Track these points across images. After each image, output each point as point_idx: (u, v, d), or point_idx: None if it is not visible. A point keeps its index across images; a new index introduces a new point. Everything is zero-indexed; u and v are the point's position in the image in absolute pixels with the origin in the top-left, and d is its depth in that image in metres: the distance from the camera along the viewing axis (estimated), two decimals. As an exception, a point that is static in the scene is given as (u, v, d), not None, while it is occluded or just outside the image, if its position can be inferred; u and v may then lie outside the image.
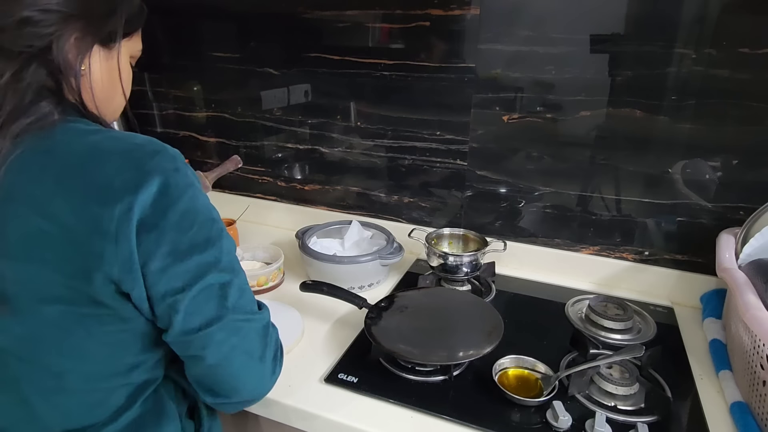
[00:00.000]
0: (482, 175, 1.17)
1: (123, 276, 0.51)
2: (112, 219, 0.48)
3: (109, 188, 0.49)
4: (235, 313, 0.57)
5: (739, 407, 0.75)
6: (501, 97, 1.08)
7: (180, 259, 0.52)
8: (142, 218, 0.50)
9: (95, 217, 0.48)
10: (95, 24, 0.56)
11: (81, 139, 0.53)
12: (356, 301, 0.94)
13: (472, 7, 1.04)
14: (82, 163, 0.50)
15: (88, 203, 0.49)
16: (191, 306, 0.54)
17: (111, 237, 0.49)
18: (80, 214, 0.49)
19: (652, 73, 0.96)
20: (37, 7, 0.51)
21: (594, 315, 0.96)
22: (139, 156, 0.51)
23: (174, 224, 0.51)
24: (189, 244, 0.53)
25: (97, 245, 0.49)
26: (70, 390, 0.56)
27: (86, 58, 0.56)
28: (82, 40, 0.55)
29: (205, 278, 0.54)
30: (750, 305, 0.72)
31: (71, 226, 0.49)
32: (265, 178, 1.43)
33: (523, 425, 0.73)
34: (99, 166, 0.50)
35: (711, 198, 1.00)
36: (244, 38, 1.28)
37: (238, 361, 0.58)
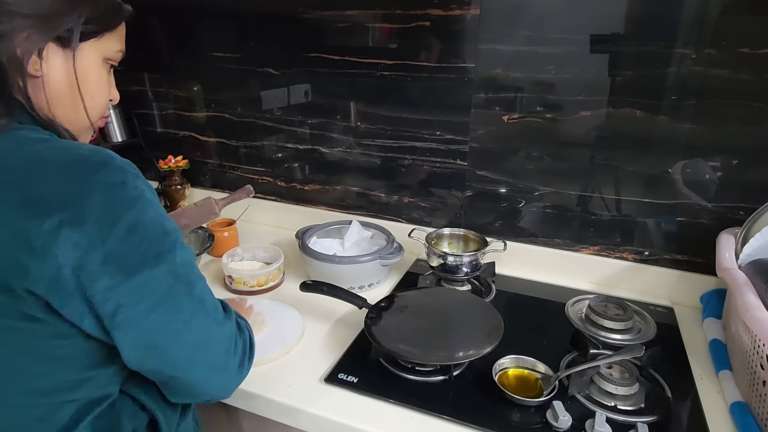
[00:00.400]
0: (482, 175, 1.17)
1: (50, 294, 0.48)
2: (40, 234, 0.46)
3: (42, 202, 0.47)
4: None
5: (739, 407, 0.75)
6: (501, 97, 1.08)
7: (129, 275, 0.50)
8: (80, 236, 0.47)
9: (23, 231, 0.46)
10: (47, 22, 0.53)
11: (23, 148, 0.50)
12: (356, 301, 0.94)
13: (472, 7, 1.04)
14: (21, 173, 0.48)
15: (18, 216, 0.46)
16: (145, 323, 0.52)
17: (37, 253, 0.46)
18: (9, 226, 0.46)
19: (652, 73, 0.96)
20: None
21: (594, 315, 0.96)
22: (82, 168, 0.49)
23: (120, 240, 0.49)
24: (138, 260, 0.50)
25: (22, 260, 0.46)
26: (8, 405, 0.53)
27: (38, 59, 0.53)
28: (30, 38, 0.52)
29: (158, 293, 0.52)
30: (750, 305, 0.72)
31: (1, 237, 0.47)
32: (265, 178, 1.43)
33: (523, 425, 0.73)
34: (36, 178, 0.48)
35: (711, 198, 1.00)
36: (244, 38, 1.28)
37: (200, 374, 0.58)
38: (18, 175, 0.48)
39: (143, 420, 0.63)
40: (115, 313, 0.50)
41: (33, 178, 0.48)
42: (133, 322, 0.52)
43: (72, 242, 0.47)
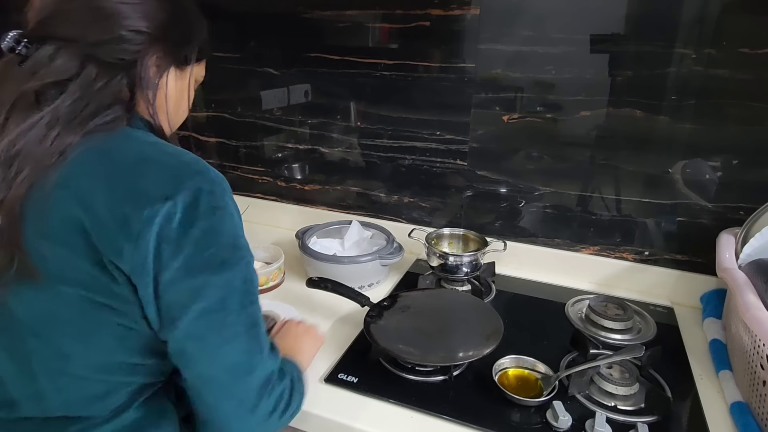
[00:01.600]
0: (482, 175, 1.17)
1: (135, 276, 0.54)
2: (138, 221, 0.52)
3: (144, 194, 0.53)
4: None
5: (739, 407, 0.75)
6: (501, 97, 1.08)
7: (190, 274, 0.54)
8: (165, 229, 0.53)
9: (125, 217, 0.52)
10: (175, 48, 0.65)
11: (137, 146, 0.58)
12: (359, 299, 0.94)
13: (472, 7, 1.04)
14: (131, 167, 0.55)
15: (123, 203, 0.53)
16: (191, 327, 0.55)
17: (133, 237, 0.52)
18: (114, 211, 0.52)
19: (652, 73, 0.96)
20: (131, 28, 0.59)
21: (594, 315, 0.96)
22: (181, 172, 0.55)
23: (193, 241, 0.54)
24: (202, 262, 0.54)
25: (120, 242, 0.52)
26: (73, 375, 0.58)
27: (164, 76, 0.64)
28: (162, 60, 0.63)
29: (210, 300, 0.55)
30: (750, 305, 0.72)
31: (103, 220, 0.53)
32: (265, 178, 1.43)
33: (523, 425, 0.73)
34: (143, 173, 0.55)
35: (711, 198, 1.00)
36: (244, 38, 1.28)
37: (226, 405, 0.57)
38: (129, 169, 0.55)
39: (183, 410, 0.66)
40: (169, 308, 0.54)
41: (141, 173, 0.55)
42: (180, 323, 0.54)
43: (158, 232, 0.52)
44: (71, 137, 0.55)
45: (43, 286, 0.55)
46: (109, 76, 0.58)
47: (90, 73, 0.57)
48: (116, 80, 0.59)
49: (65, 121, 0.55)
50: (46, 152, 0.54)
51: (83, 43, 0.57)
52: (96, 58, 0.58)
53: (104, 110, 0.57)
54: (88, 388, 0.59)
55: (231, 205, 0.59)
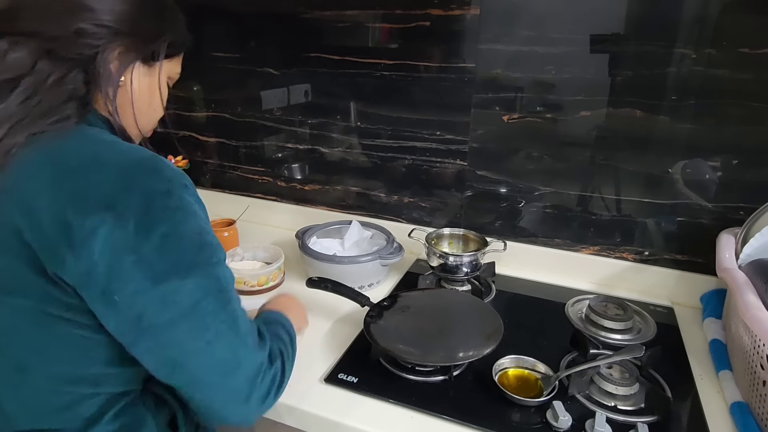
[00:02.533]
0: (482, 175, 1.17)
1: (81, 288, 0.51)
2: (81, 229, 0.48)
3: (89, 199, 0.49)
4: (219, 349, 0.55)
5: (739, 407, 0.75)
6: (501, 97, 1.08)
7: (156, 282, 0.50)
8: (119, 238, 0.49)
9: (67, 224, 0.49)
10: (140, 42, 0.60)
11: (88, 146, 0.54)
12: (359, 299, 0.94)
13: (472, 7, 1.04)
14: (77, 169, 0.51)
15: (65, 209, 0.49)
16: (167, 336, 0.52)
17: (75, 247, 0.49)
18: (55, 217, 0.49)
19: (652, 73, 0.96)
20: (93, 21, 0.55)
21: (594, 315, 0.96)
22: (133, 172, 0.52)
23: (154, 247, 0.50)
24: (167, 269, 0.51)
25: (61, 250, 0.49)
26: (35, 388, 0.55)
27: (127, 72, 0.60)
28: (125, 55, 0.59)
29: (183, 306, 0.52)
30: (750, 305, 0.72)
31: (44, 228, 0.49)
32: (265, 178, 1.43)
33: (523, 425, 0.73)
34: (90, 175, 0.51)
35: (711, 198, 1.00)
36: (244, 38, 1.28)
37: (219, 399, 0.56)
38: (75, 170, 0.51)
39: (165, 416, 0.64)
40: (139, 320, 0.51)
41: (87, 175, 0.51)
42: (155, 333, 0.52)
43: (109, 243, 0.49)
44: (18, 137, 0.51)
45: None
46: (64, 72, 0.55)
47: (43, 68, 0.54)
48: (71, 76, 0.55)
49: (15, 120, 0.52)
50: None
51: (42, 38, 0.54)
52: (52, 54, 0.54)
53: (57, 108, 0.54)
54: (52, 399, 0.56)
55: (192, 202, 0.55)
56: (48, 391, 0.55)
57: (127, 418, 0.60)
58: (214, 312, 0.54)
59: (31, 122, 0.52)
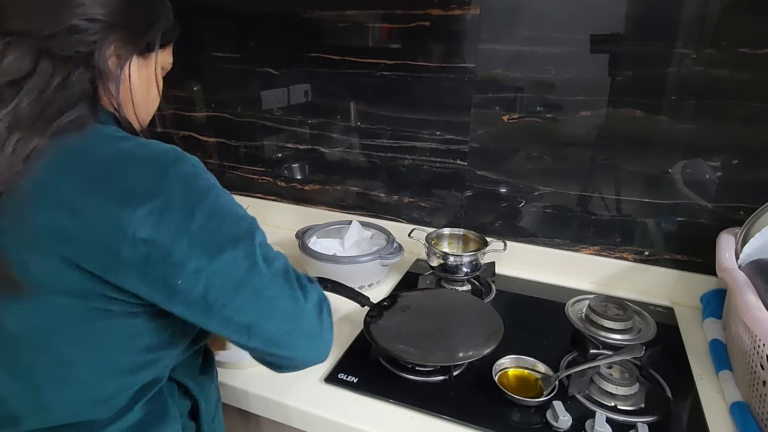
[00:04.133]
0: (482, 175, 1.17)
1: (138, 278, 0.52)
2: (132, 222, 0.50)
3: (132, 193, 0.51)
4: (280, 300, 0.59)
5: (739, 407, 0.75)
6: (501, 97, 1.08)
7: (213, 257, 0.53)
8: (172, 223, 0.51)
9: (116, 219, 0.50)
10: (135, 35, 0.60)
11: (111, 144, 0.55)
12: (359, 298, 0.94)
13: (472, 7, 1.04)
14: (111, 166, 0.53)
15: (111, 205, 0.50)
16: (234, 303, 0.55)
17: (128, 239, 0.50)
18: (103, 214, 0.50)
19: (652, 73, 0.96)
20: (84, 16, 0.55)
21: (594, 315, 0.96)
22: (163, 162, 0.54)
23: (201, 225, 0.53)
24: (219, 243, 0.54)
25: (115, 245, 0.50)
26: (78, 382, 0.57)
27: (126, 66, 0.60)
28: (122, 49, 0.59)
29: (240, 273, 0.55)
30: (750, 305, 0.72)
31: (93, 225, 0.50)
32: (265, 178, 1.43)
33: (523, 425, 0.73)
34: (126, 171, 0.52)
35: (711, 198, 1.00)
36: (244, 38, 1.28)
37: (298, 345, 0.61)
38: (110, 168, 0.52)
39: (186, 406, 0.67)
40: (206, 295, 0.54)
41: (124, 170, 0.52)
42: (223, 305, 0.55)
43: (161, 229, 0.51)
44: (36, 140, 0.52)
45: (33, 297, 0.53)
46: (67, 71, 0.55)
47: (46, 69, 0.53)
48: (76, 75, 0.55)
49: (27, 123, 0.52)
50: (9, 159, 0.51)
51: (35, 37, 0.53)
52: (50, 52, 0.54)
53: (68, 109, 0.54)
54: (93, 393, 0.58)
55: (215, 181, 0.59)
56: (91, 385, 0.57)
57: (153, 406, 0.62)
58: (268, 271, 0.58)
59: (45, 124, 0.53)
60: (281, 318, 0.59)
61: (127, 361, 0.59)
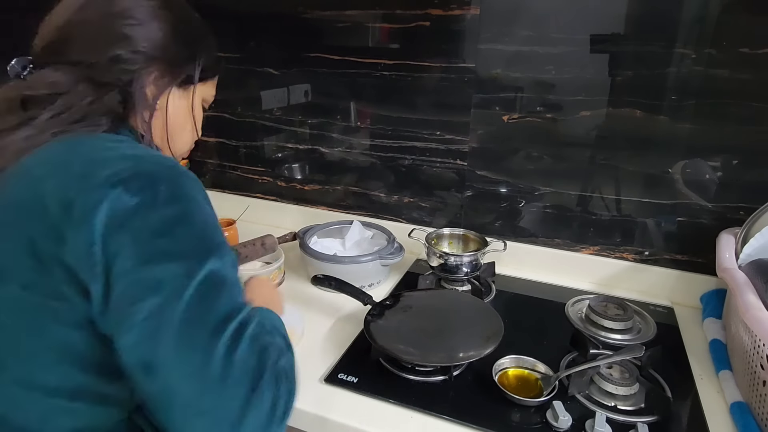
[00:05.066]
0: (482, 175, 1.17)
1: (81, 266, 0.47)
2: (83, 205, 0.47)
3: (95, 178, 0.48)
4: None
5: (739, 407, 0.75)
6: (501, 97, 1.08)
7: (144, 264, 0.45)
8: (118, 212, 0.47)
9: (70, 201, 0.48)
10: (175, 67, 0.62)
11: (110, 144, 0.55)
12: (362, 297, 0.95)
13: (472, 7, 1.04)
14: (93, 158, 0.51)
15: (70, 186, 0.49)
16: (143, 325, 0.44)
17: (75, 222, 0.47)
18: (60, 193, 0.49)
19: (652, 73, 0.96)
20: (129, 48, 0.58)
21: (594, 315, 0.96)
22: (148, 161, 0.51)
23: (152, 226, 0.47)
24: (161, 252, 0.46)
25: (62, 228, 0.48)
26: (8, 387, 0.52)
27: (163, 96, 0.62)
28: (160, 80, 0.61)
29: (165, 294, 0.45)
30: (750, 305, 0.72)
31: (48, 206, 0.49)
32: (265, 178, 1.43)
33: (523, 425, 0.73)
34: (104, 162, 0.50)
35: (711, 198, 1.00)
36: (244, 38, 1.28)
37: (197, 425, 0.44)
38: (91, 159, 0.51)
39: None
40: (119, 302, 0.46)
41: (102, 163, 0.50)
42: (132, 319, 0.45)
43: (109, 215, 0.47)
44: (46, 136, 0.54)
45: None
46: (101, 94, 0.57)
47: (81, 90, 0.56)
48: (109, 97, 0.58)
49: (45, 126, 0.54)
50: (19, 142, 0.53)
51: (82, 65, 0.57)
52: (90, 78, 0.57)
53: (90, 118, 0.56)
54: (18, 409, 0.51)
55: (201, 199, 0.52)
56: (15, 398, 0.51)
57: None
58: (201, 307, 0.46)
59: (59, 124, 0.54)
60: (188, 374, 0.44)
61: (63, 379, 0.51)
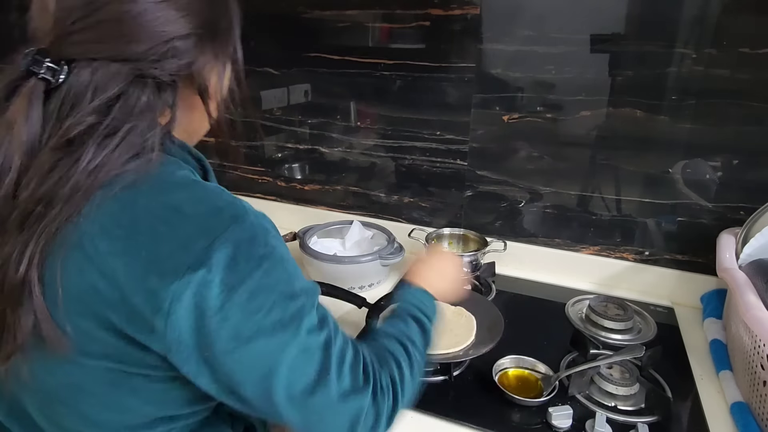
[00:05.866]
0: (482, 175, 1.16)
1: (171, 354, 0.47)
2: (167, 295, 0.44)
3: (172, 261, 0.45)
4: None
5: (740, 407, 0.74)
6: (501, 97, 1.08)
7: (244, 342, 0.46)
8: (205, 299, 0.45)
9: (152, 290, 0.44)
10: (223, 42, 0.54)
11: (165, 195, 0.48)
12: (356, 300, 0.94)
13: (472, 7, 1.04)
14: (156, 224, 0.46)
15: (148, 272, 0.45)
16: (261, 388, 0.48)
17: (163, 313, 0.44)
18: (138, 282, 0.45)
19: (652, 73, 0.96)
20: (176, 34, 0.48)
21: (594, 315, 0.96)
22: (214, 224, 0.46)
23: (239, 305, 0.46)
24: (254, 328, 0.46)
25: (148, 317, 0.45)
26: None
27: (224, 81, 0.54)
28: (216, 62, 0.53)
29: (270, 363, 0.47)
30: (750, 305, 0.72)
31: (127, 292, 0.45)
32: (265, 178, 1.43)
33: (523, 425, 0.73)
34: (170, 232, 0.46)
35: (711, 198, 0.99)
36: (244, 38, 1.27)
37: None
38: (151, 226, 0.46)
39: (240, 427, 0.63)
40: (229, 379, 0.47)
41: (168, 231, 0.46)
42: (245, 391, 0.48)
43: (194, 305, 0.45)
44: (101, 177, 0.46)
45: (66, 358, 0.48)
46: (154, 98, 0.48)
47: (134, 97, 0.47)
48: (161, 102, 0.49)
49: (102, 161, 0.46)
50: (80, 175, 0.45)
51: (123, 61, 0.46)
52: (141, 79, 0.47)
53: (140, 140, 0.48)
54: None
55: (278, 246, 0.50)
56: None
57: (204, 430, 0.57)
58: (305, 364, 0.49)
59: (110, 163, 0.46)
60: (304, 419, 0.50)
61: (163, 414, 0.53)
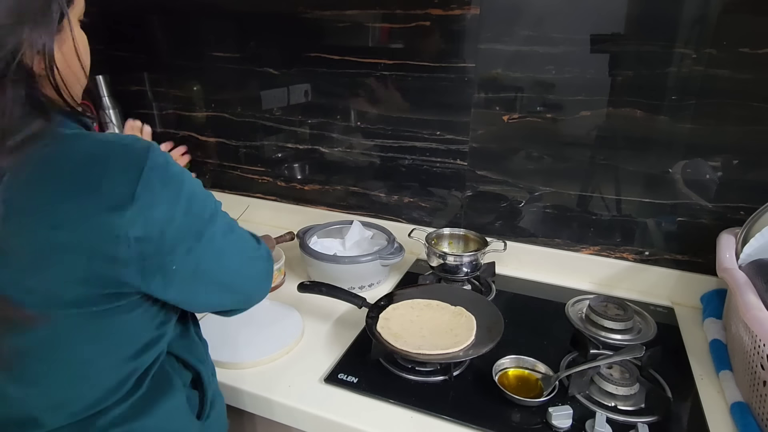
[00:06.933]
0: (482, 175, 1.16)
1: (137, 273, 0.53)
2: (122, 224, 0.50)
3: (117, 193, 0.50)
4: None
5: (740, 407, 0.74)
6: (501, 96, 1.08)
7: (199, 238, 0.57)
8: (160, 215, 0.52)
9: (106, 223, 0.50)
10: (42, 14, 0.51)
11: (75, 146, 0.52)
12: (355, 300, 0.94)
13: (472, 7, 1.04)
14: (84, 170, 0.51)
15: (98, 210, 0.50)
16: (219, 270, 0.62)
17: (122, 240, 0.50)
18: (91, 220, 0.49)
19: (652, 73, 0.96)
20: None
21: (594, 315, 0.96)
22: (133, 158, 0.52)
23: (185, 211, 0.55)
24: (202, 224, 0.58)
25: (110, 249, 0.50)
26: (92, 377, 0.58)
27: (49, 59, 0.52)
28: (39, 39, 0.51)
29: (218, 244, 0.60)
30: (750, 305, 0.72)
31: (82, 233, 0.50)
32: (265, 178, 1.43)
33: (523, 425, 0.73)
34: (102, 172, 0.51)
35: (711, 198, 0.99)
36: (244, 38, 1.28)
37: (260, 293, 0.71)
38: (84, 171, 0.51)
39: (188, 377, 0.70)
40: (195, 271, 0.58)
41: (99, 172, 0.51)
42: (212, 273, 0.60)
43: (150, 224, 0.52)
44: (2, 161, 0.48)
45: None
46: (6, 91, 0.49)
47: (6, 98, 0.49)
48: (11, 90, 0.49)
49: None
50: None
51: None
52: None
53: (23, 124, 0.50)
54: (106, 384, 0.58)
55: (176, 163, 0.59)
56: (104, 377, 0.58)
57: (157, 380, 0.64)
58: (236, 237, 0.64)
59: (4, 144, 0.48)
60: (254, 276, 0.68)
61: (134, 348, 0.60)
